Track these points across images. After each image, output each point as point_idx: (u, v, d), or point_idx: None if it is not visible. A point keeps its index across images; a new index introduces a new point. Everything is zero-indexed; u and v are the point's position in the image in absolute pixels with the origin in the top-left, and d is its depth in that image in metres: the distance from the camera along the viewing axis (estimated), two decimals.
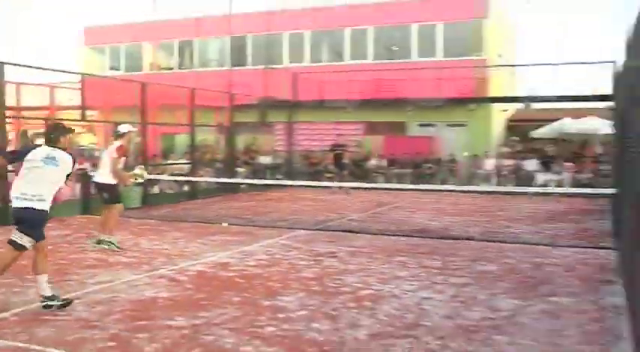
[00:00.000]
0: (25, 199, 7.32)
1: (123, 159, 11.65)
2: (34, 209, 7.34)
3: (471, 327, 6.80)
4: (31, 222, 7.38)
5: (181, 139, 27.43)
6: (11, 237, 7.34)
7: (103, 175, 11.62)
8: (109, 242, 11.41)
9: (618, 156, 12.26)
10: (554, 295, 8.25)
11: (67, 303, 7.42)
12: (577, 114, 27.82)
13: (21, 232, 7.32)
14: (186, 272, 9.53)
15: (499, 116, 30.89)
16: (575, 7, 54.24)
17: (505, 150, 28.00)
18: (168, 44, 37.33)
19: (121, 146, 11.50)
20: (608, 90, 23.07)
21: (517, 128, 31.40)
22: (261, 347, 6.09)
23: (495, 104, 29.37)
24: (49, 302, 7.31)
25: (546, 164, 22.17)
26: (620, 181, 10.77)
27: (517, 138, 29.57)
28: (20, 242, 7.30)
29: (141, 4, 37.46)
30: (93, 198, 14.91)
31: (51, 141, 7.65)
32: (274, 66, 30.65)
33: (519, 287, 8.67)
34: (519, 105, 31.09)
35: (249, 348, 6.07)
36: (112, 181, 11.61)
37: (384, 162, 27.99)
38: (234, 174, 22.85)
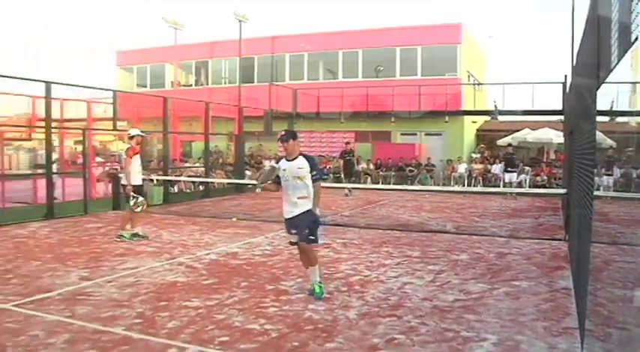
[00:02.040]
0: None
1: (137, 156, 11.70)
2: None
3: (445, 307, 6.85)
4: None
5: (197, 145, 27.50)
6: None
7: (134, 176, 11.69)
8: (121, 236, 11.45)
9: (568, 161, 12.34)
10: (516, 280, 8.31)
11: None
12: (535, 125, 27.98)
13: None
14: (201, 260, 9.57)
15: (470, 126, 30.95)
16: (535, 33, 54.41)
17: (475, 155, 28.07)
18: (187, 64, 37.39)
19: (130, 148, 11.60)
20: (559, 105, 23.19)
21: (485, 137, 31.49)
22: (265, 325, 6.13)
23: (467, 116, 29.45)
24: None
25: (510, 168, 22.19)
26: (570, 183, 10.84)
27: (485, 146, 29.65)
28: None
29: (165, 31, 37.36)
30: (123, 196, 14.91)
31: None
32: (277, 82, 30.67)
33: (486, 273, 8.72)
34: (487, 118, 31.18)
35: (256, 326, 6.12)
36: (135, 181, 11.64)
37: (372, 166, 28.01)
38: (242, 176, 22.86)
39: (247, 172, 24.51)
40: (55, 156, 17.63)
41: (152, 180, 17.94)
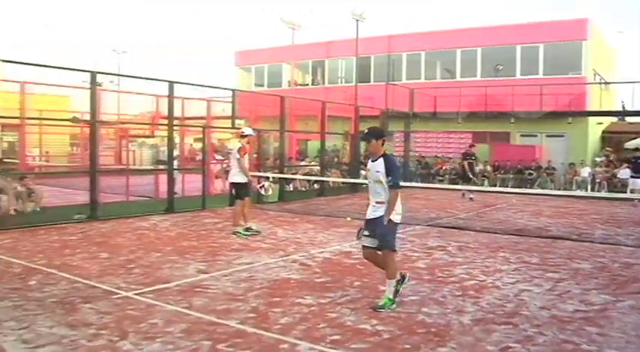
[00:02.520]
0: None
1: (246, 156, 12.04)
2: None
3: (565, 318, 6.52)
4: None
5: (313, 144, 27.82)
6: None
7: (234, 175, 12.05)
8: (238, 232, 11.74)
9: None
10: None
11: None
12: None
13: None
14: (314, 258, 9.65)
15: (595, 128, 29.43)
16: None
17: (600, 159, 26.64)
18: (303, 64, 38.01)
19: (242, 147, 11.96)
20: None
21: (612, 139, 29.83)
22: (377, 326, 6.09)
23: (591, 117, 28.03)
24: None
25: (637, 172, 20.83)
26: None
27: (611, 149, 28.07)
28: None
29: (282, 31, 38.16)
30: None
31: None
32: (394, 82, 30.50)
33: (610, 284, 8.23)
34: (614, 119, 29.52)
35: (367, 326, 6.08)
36: (241, 180, 11.98)
37: (489, 168, 27.26)
38: (357, 175, 22.90)
39: (362, 172, 24.50)
40: (175, 152, 18.39)
41: (268, 177, 18.34)
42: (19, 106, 18.87)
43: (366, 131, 6.93)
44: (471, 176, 21.22)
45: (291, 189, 21.70)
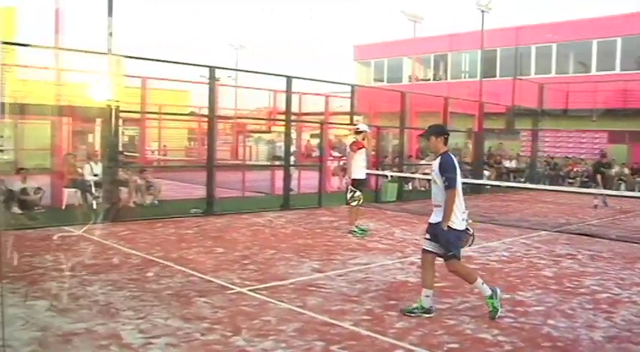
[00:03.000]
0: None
1: (362, 151, 12.01)
2: None
3: None
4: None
5: None
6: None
7: (353, 171, 12.11)
8: (354, 231, 11.76)
9: None
10: None
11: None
12: None
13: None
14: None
15: None
16: None
17: None
18: (425, 58, 37.63)
19: (354, 142, 12.03)
20: None
21: None
22: (498, 336, 5.92)
23: None
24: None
25: None
26: None
27: None
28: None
29: (403, 24, 37.91)
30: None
31: None
32: (522, 77, 29.56)
33: None
34: None
35: (488, 336, 5.93)
36: (357, 175, 12.01)
37: (627, 170, 25.82)
38: (480, 176, 22.42)
39: (486, 172, 24.00)
40: (292, 148, 18.75)
41: (386, 176, 18.31)
42: (140, 101, 19.90)
43: (427, 128, 6.83)
44: (600, 185, 19.66)
45: (410, 188, 21.56)
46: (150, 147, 26.18)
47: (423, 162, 23.60)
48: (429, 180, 21.77)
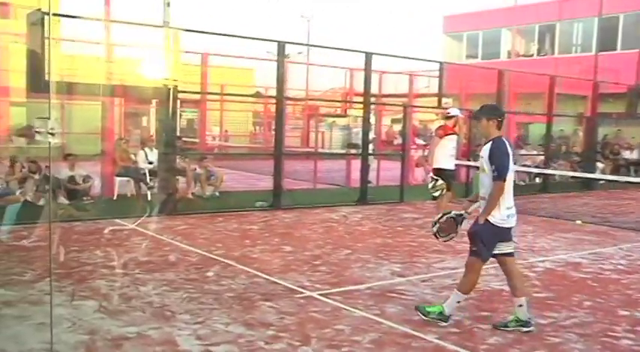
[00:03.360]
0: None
1: (452, 138, 11.86)
2: None
3: None
4: None
5: (536, 128, 26.84)
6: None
7: (439, 160, 12.07)
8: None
9: None
10: None
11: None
12: None
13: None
14: (533, 268, 9.38)
15: None
16: None
17: None
18: (527, 29, 36.76)
19: (441, 126, 11.91)
20: None
21: None
22: None
23: None
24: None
25: None
26: None
27: None
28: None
29: None
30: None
31: None
32: None
33: None
34: None
35: None
36: (443, 165, 11.89)
37: None
38: (592, 169, 21.83)
39: (599, 165, 23.36)
40: (371, 135, 18.75)
41: (479, 167, 18.04)
42: (200, 80, 20.22)
43: (479, 108, 6.72)
44: None
45: None
46: (210, 132, 26.70)
47: (522, 151, 23.20)
48: (529, 174, 21.44)
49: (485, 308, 7.10)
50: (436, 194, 11.94)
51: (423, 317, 6.51)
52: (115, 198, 14.71)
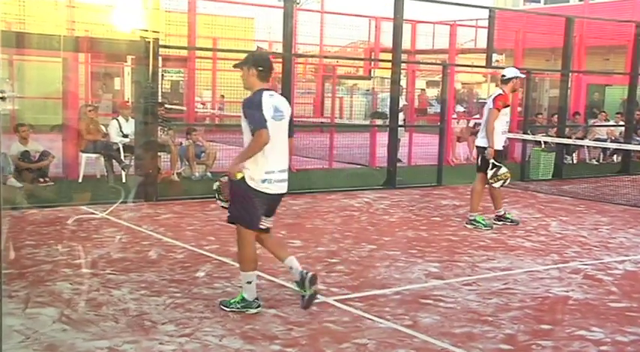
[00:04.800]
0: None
1: (506, 111, 11.72)
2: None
3: None
4: None
5: (614, 93, 26.63)
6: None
7: (482, 138, 11.83)
8: (475, 220, 11.61)
9: None
10: None
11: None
12: None
13: None
14: (609, 270, 9.34)
15: None
16: None
17: None
18: None
19: (500, 95, 11.60)
20: None
21: None
22: None
23: None
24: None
25: None
26: None
27: None
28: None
29: None
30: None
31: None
32: None
33: None
34: None
35: None
36: (497, 145, 11.66)
37: None
38: None
39: None
40: (401, 102, 18.70)
41: (539, 142, 18.01)
42: (187, 32, 20.15)
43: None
44: None
45: (574, 161, 21.14)
46: (200, 98, 26.65)
47: (594, 121, 23.06)
48: (604, 150, 21.24)
49: (546, 321, 7.09)
50: (497, 185, 11.75)
51: (225, 309, 6.95)
52: (80, 180, 14.73)
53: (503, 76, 12.11)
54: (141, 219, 11.18)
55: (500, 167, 11.63)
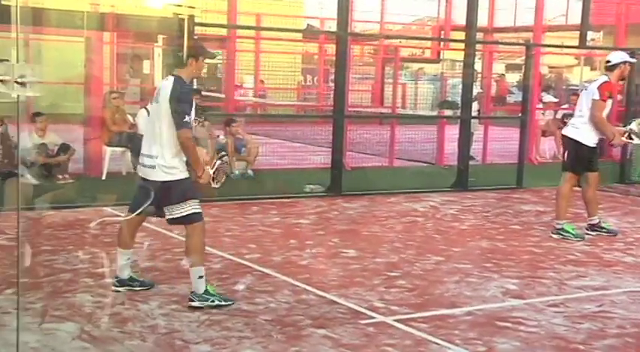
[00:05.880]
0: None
1: (609, 102, 11.56)
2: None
3: None
4: None
5: None
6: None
7: (575, 129, 11.65)
8: (563, 229, 11.47)
9: None
10: None
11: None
12: None
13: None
14: None
15: None
16: None
17: None
18: None
19: (606, 83, 11.41)
20: None
21: None
22: None
23: None
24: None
25: None
26: None
27: None
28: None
29: None
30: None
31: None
32: None
33: None
34: None
35: None
36: (588, 140, 11.52)
37: None
38: None
39: None
40: (476, 89, 18.61)
41: (629, 135, 17.76)
42: (227, 9, 20.21)
43: None
44: None
45: None
46: (241, 84, 26.73)
47: None
48: None
49: None
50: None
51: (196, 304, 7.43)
52: (103, 177, 14.86)
53: (608, 61, 11.85)
54: None
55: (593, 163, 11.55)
